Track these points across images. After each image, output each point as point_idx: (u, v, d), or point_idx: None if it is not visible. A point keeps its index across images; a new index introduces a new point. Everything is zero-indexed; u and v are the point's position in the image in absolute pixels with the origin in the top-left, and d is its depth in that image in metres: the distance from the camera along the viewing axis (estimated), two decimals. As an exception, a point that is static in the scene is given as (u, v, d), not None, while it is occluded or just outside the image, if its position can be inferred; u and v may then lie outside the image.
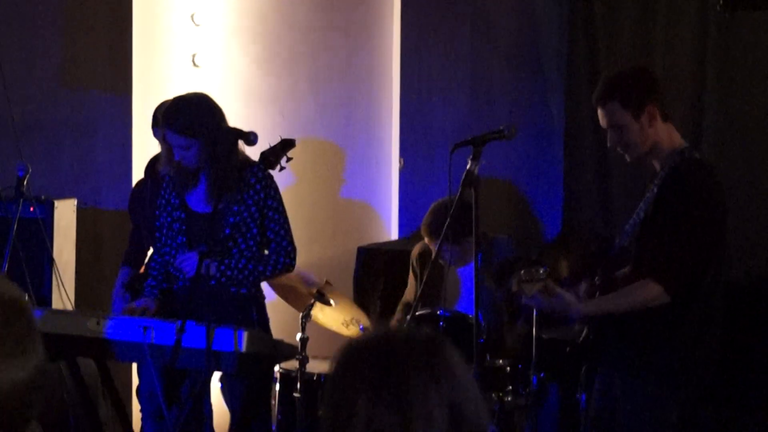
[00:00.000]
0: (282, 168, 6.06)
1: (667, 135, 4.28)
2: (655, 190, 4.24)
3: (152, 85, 6.85)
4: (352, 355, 1.97)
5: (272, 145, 6.09)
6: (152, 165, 6.32)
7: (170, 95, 5.44)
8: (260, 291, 5.22)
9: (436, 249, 4.93)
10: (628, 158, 4.34)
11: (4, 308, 1.75)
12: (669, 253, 4.12)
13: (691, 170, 4.19)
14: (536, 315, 5.37)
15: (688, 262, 4.11)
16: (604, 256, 4.63)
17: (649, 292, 4.12)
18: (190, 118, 4.95)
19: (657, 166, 4.29)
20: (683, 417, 4.29)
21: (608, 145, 4.35)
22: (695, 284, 4.16)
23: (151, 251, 5.72)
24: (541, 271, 4.16)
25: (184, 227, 5.15)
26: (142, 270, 5.92)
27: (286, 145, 6.14)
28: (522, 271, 4.21)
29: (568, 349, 4.99)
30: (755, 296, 6.15)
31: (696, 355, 4.23)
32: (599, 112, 4.32)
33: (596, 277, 4.41)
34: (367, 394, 1.89)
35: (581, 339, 4.38)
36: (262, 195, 5.10)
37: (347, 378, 1.93)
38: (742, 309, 6.00)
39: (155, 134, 6.18)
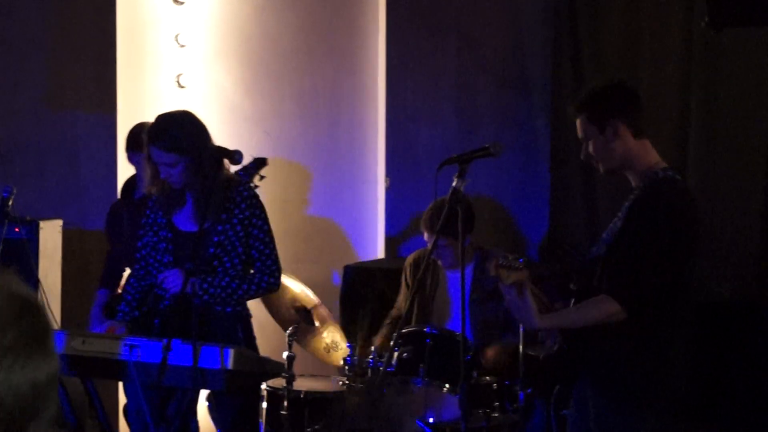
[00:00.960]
0: (255, 186, 6.08)
1: (641, 152, 4.30)
2: (628, 205, 4.27)
3: (137, 106, 6.85)
4: None
5: (245, 164, 6.11)
6: (127, 188, 6.30)
7: (155, 116, 5.42)
8: (246, 309, 5.19)
9: (432, 244, 4.88)
10: (600, 169, 4.39)
11: (15, 303, 1.65)
12: (629, 273, 4.13)
13: (662, 190, 4.20)
14: (522, 331, 5.39)
15: (649, 282, 4.12)
16: (580, 264, 4.64)
17: (607, 309, 4.13)
18: (176, 135, 4.91)
19: (633, 181, 4.32)
20: None
21: (581, 156, 4.41)
22: (661, 302, 4.16)
23: (127, 273, 5.68)
24: (520, 261, 4.16)
25: (170, 247, 5.11)
26: (119, 291, 5.88)
27: (259, 164, 6.15)
28: (500, 257, 4.21)
29: (541, 357, 4.98)
30: (741, 315, 6.16)
31: (666, 373, 4.23)
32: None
33: (571, 284, 4.41)
34: None
35: (555, 349, 4.38)
36: (247, 213, 5.06)
37: None
38: (728, 327, 6.02)
39: (130, 159, 6.13)
